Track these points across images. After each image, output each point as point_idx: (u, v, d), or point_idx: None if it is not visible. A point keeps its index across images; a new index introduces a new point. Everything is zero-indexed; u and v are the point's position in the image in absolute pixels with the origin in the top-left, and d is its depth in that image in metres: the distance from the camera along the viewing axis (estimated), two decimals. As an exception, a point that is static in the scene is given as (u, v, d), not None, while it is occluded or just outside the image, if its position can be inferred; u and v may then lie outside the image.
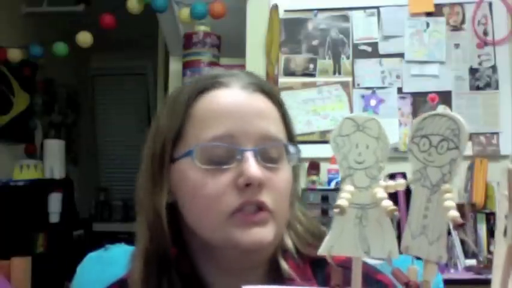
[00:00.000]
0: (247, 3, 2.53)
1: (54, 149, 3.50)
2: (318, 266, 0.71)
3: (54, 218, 3.27)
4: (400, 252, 0.39)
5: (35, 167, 3.30)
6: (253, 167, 0.64)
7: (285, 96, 2.41)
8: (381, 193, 0.38)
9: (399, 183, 0.40)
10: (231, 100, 0.69)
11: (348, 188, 0.39)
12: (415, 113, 2.33)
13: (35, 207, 3.13)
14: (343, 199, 0.38)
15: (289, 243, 0.72)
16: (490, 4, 2.38)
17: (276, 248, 0.72)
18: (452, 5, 2.41)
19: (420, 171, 0.39)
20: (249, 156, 0.65)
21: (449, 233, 2.01)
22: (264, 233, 0.65)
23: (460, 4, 2.40)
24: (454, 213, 0.35)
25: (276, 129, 0.69)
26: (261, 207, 0.65)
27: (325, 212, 2.06)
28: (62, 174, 3.47)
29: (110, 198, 4.92)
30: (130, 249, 0.75)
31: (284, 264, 0.70)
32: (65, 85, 4.28)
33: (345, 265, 0.72)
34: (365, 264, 0.72)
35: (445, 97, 2.34)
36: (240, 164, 0.65)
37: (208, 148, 0.66)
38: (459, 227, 0.35)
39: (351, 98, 2.38)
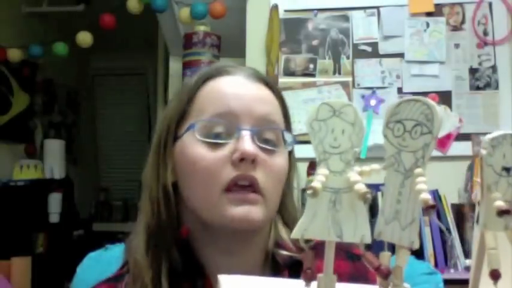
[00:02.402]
0: (247, 3, 2.52)
1: (54, 149, 3.50)
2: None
3: (54, 218, 3.27)
4: (373, 238, 0.39)
5: (35, 167, 3.29)
6: (248, 143, 0.69)
7: (285, 96, 2.41)
8: (354, 177, 0.39)
9: (374, 169, 0.40)
10: (234, 84, 0.75)
11: (322, 172, 0.39)
12: (415, 113, 2.33)
13: (35, 207, 3.13)
14: (317, 182, 0.38)
15: (285, 236, 0.76)
16: (490, 4, 2.38)
17: (272, 240, 0.75)
18: (452, 5, 2.41)
19: (394, 156, 0.39)
20: (246, 134, 0.70)
21: (449, 232, 2.01)
22: (253, 211, 0.68)
23: (460, 4, 2.40)
24: (426, 196, 0.35)
25: (275, 115, 0.75)
26: (252, 183, 0.69)
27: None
28: (62, 174, 3.47)
29: (110, 198, 4.91)
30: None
31: (278, 251, 0.74)
32: (65, 85, 4.28)
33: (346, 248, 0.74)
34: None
35: (445, 97, 2.34)
36: (238, 141, 0.69)
37: (208, 124, 0.72)
38: (430, 209, 0.35)
39: (351, 98, 2.38)
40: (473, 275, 0.40)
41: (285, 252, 0.74)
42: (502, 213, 0.35)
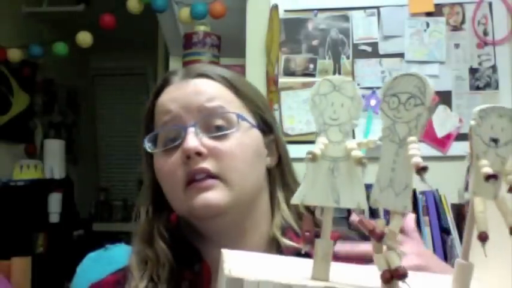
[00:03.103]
0: (247, 3, 2.52)
1: (54, 149, 3.51)
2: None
3: (54, 218, 3.27)
4: (370, 206, 0.41)
5: (35, 167, 3.29)
6: (188, 140, 0.72)
7: (285, 96, 2.41)
8: (351, 144, 0.41)
9: (370, 140, 0.43)
10: (171, 91, 0.79)
11: (322, 140, 0.42)
12: (415, 113, 2.34)
13: (35, 207, 3.13)
14: (317, 148, 0.40)
15: (288, 217, 0.78)
16: (490, 4, 2.38)
17: (276, 225, 0.77)
18: (452, 5, 2.41)
19: (389, 127, 0.42)
20: (189, 131, 0.73)
21: (449, 233, 2.01)
22: (209, 197, 0.71)
23: (460, 4, 2.40)
24: (417, 159, 0.37)
25: (218, 99, 0.76)
26: (206, 174, 0.72)
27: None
28: (62, 174, 3.47)
29: (110, 198, 4.92)
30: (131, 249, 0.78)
31: (281, 238, 0.75)
32: (65, 85, 4.28)
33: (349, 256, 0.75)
34: (355, 235, 0.76)
35: (445, 97, 2.34)
36: (183, 140, 0.73)
37: (161, 134, 0.76)
38: (421, 170, 0.36)
39: (351, 98, 2.38)
40: (464, 243, 0.41)
41: (289, 243, 0.74)
42: (489, 177, 0.37)
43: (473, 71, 2.37)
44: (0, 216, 2.92)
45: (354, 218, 0.68)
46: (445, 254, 2.00)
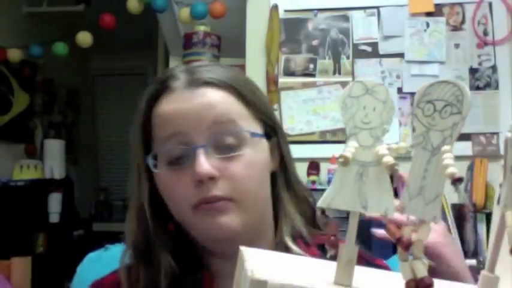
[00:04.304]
0: (247, 3, 2.53)
1: (54, 149, 3.51)
2: (324, 249, 0.73)
3: (54, 218, 3.27)
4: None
5: (35, 167, 3.30)
6: (200, 164, 0.67)
7: (285, 96, 2.41)
8: (383, 150, 0.40)
9: (401, 146, 0.42)
10: (175, 101, 0.72)
11: (352, 144, 0.41)
12: (415, 113, 2.34)
13: (35, 207, 3.13)
14: (348, 152, 0.40)
15: (298, 223, 0.75)
16: (490, 4, 2.38)
17: (279, 230, 0.74)
18: (452, 5, 2.41)
19: (423, 134, 0.41)
20: (199, 153, 0.68)
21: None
22: (227, 221, 0.68)
23: (460, 4, 2.40)
24: (453, 170, 0.36)
25: (229, 114, 0.71)
26: (218, 199, 0.68)
27: (325, 212, 2.06)
28: (62, 174, 3.47)
29: (110, 198, 4.92)
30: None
31: (292, 246, 0.73)
32: (65, 85, 4.28)
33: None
34: (365, 252, 0.74)
35: (445, 97, 2.34)
36: (194, 161, 0.68)
37: (165, 152, 0.71)
38: (457, 182, 0.36)
39: (351, 98, 2.38)
40: (490, 255, 0.40)
41: (300, 251, 0.72)
42: None
43: (473, 71, 2.37)
44: (0, 216, 2.92)
45: (376, 230, 0.66)
46: (445, 254, 2.00)
